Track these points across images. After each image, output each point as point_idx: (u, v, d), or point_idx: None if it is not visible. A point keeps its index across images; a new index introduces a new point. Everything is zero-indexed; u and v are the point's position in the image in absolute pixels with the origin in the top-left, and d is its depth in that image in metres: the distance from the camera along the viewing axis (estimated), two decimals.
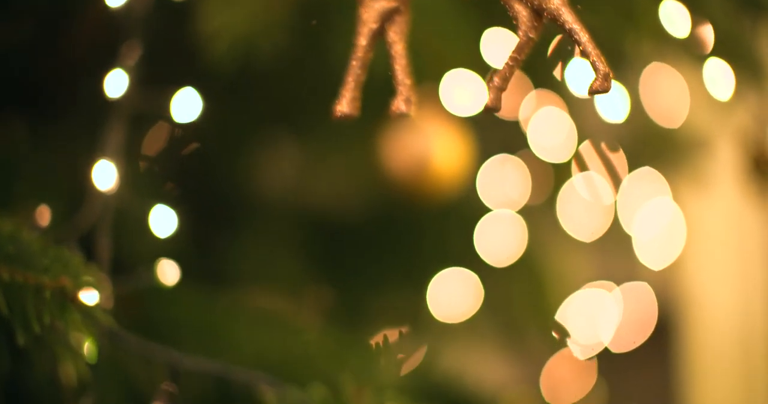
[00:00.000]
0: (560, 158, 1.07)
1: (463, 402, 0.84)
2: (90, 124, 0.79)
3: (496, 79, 0.66)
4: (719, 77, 1.06)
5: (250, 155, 1.02)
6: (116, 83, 0.81)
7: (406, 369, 0.88)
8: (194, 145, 0.93)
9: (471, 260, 1.04)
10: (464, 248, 1.03)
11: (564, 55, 0.94)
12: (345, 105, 0.67)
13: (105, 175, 0.79)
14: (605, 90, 0.66)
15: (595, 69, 0.65)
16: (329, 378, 0.77)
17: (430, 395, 0.77)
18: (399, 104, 0.67)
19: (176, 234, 0.83)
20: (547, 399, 1.17)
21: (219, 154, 0.98)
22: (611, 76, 0.65)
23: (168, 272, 0.79)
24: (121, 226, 0.79)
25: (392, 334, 0.90)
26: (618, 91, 0.94)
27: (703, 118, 1.34)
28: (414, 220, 1.04)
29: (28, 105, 0.94)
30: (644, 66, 1.28)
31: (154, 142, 0.89)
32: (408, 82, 0.67)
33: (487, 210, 1.04)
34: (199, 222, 0.96)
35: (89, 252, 0.77)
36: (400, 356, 0.84)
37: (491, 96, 0.65)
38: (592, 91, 0.65)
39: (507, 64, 0.66)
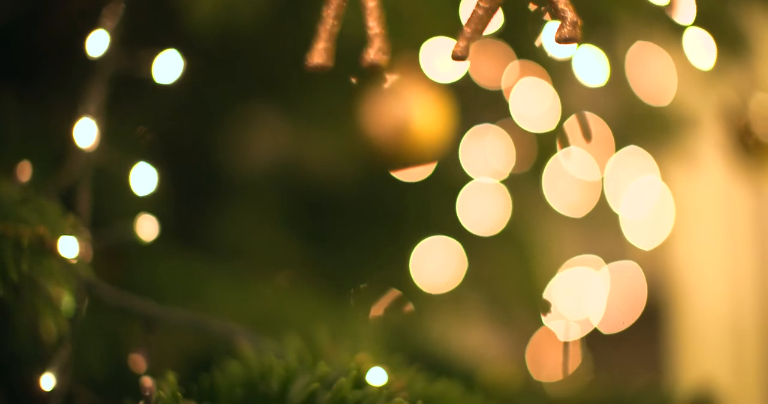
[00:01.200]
0: (543, 128, 1.08)
1: (443, 366, 0.84)
2: (73, 84, 0.81)
3: (465, 28, 0.67)
4: (701, 47, 1.07)
5: (232, 122, 1.03)
6: (98, 43, 0.83)
7: (386, 328, 0.88)
8: (176, 110, 0.94)
9: (454, 229, 1.04)
10: (447, 217, 1.04)
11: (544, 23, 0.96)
12: (318, 55, 0.68)
13: (86, 134, 0.81)
14: (574, 38, 0.66)
15: (563, 17, 0.65)
16: (305, 333, 0.79)
17: (408, 356, 0.77)
18: (371, 54, 0.68)
19: (158, 199, 0.84)
20: (532, 373, 1.17)
21: (201, 121, 0.99)
22: (579, 24, 0.66)
23: (147, 227, 0.81)
24: (102, 184, 0.80)
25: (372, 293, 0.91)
26: (596, 56, 0.94)
27: (690, 96, 1.35)
28: (397, 190, 1.04)
29: (12, 66, 0.95)
30: (630, 44, 1.30)
31: (136, 104, 0.90)
32: (380, 31, 0.67)
33: (470, 179, 1.05)
34: (179, 189, 0.97)
35: (70, 208, 0.78)
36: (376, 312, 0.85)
37: (460, 44, 0.66)
38: (561, 39, 0.66)
39: (476, 12, 0.67)
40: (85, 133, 0.81)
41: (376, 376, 0.70)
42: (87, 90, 0.81)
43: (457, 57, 0.64)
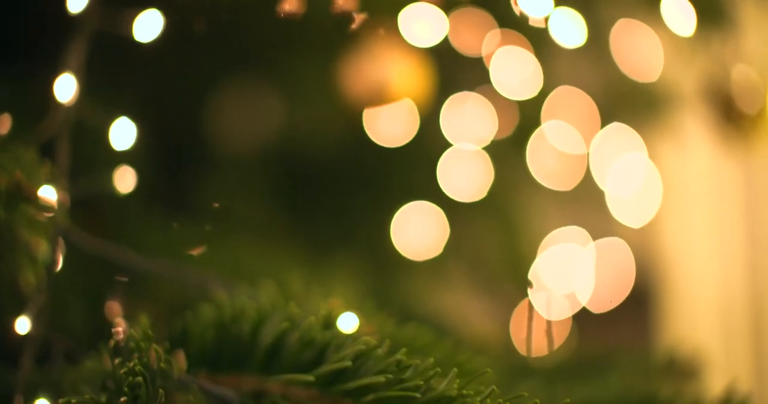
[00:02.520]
0: (524, 95, 1.09)
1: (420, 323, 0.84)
2: (55, 40, 0.82)
3: None
4: (680, 15, 1.08)
5: (217, 89, 1.04)
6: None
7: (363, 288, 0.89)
8: (161, 75, 0.96)
9: (436, 196, 1.05)
10: (428, 184, 1.05)
11: None
12: (289, 1, 0.69)
13: (66, 89, 0.82)
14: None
15: None
16: (280, 283, 0.79)
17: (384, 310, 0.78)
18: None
19: (141, 158, 0.85)
20: (516, 344, 1.18)
21: (186, 88, 1.01)
22: None
23: (126, 180, 0.82)
24: (85, 140, 0.82)
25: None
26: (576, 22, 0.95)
27: (675, 71, 1.36)
28: (378, 156, 1.05)
29: None
30: (615, 20, 1.31)
31: (122, 65, 0.91)
32: None
33: (450, 145, 1.06)
34: (163, 153, 0.98)
35: (49, 161, 0.79)
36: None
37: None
38: None
39: None
40: (65, 88, 0.83)
41: (347, 320, 0.71)
42: (68, 46, 0.83)
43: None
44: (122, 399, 0.62)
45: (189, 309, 0.72)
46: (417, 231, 1.08)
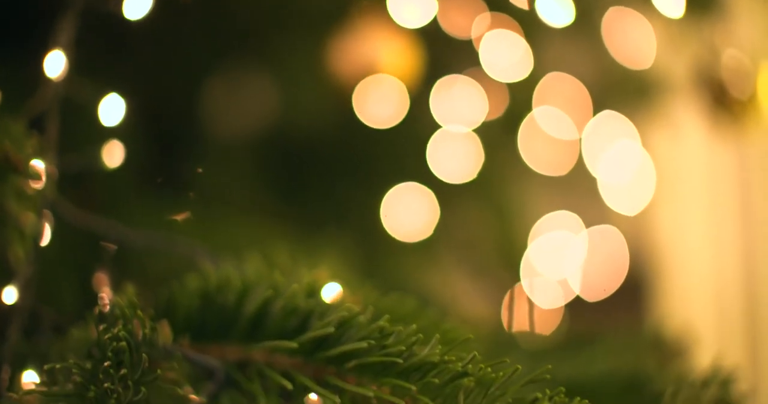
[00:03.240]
0: (514, 78, 1.09)
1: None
2: (45, 17, 0.82)
3: None
4: (671, 1, 1.08)
5: (210, 72, 1.04)
6: None
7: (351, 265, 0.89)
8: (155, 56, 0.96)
9: (425, 177, 1.06)
10: (418, 165, 1.05)
11: None
12: None
13: (56, 65, 0.83)
14: None
15: None
16: (267, 256, 0.80)
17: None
18: None
19: (132, 136, 0.86)
20: (505, 326, 1.17)
21: (180, 70, 1.01)
22: None
23: (114, 154, 0.82)
24: (74, 116, 0.82)
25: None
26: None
27: (667, 59, 1.36)
28: (368, 137, 1.06)
29: None
30: (607, 8, 1.31)
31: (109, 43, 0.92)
32: None
33: (439, 126, 1.06)
34: (155, 133, 0.99)
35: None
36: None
37: None
38: None
39: None
40: (55, 64, 0.83)
41: (331, 290, 0.72)
42: (58, 23, 0.84)
43: None
44: (106, 364, 0.63)
45: (175, 279, 0.73)
46: (407, 212, 1.09)
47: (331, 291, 0.71)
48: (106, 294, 0.70)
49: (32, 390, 0.66)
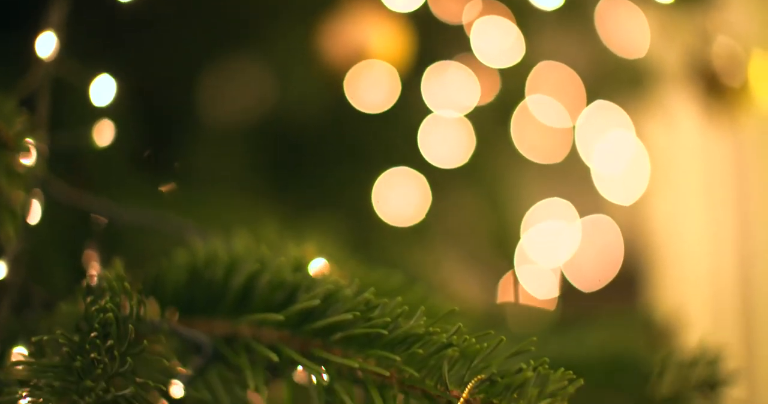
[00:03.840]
0: (505, 64, 1.10)
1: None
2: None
3: None
4: None
5: (204, 58, 1.05)
6: None
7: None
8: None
9: (417, 162, 1.06)
10: (409, 150, 1.05)
11: None
12: None
13: (47, 45, 0.83)
14: None
15: None
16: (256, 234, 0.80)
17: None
18: None
19: (124, 117, 0.86)
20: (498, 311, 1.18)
21: (175, 58, 1.02)
22: None
23: (105, 133, 0.83)
24: (67, 97, 0.83)
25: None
26: None
27: (660, 48, 1.37)
28: (360, 122, 1.06)
29: None
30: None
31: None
32: None
33: (430, 112, 1.07)
34: (148, 117, 0.99)
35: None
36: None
37: None
38: None
39: None
40: (46, 44, 0.84)
41: (318, 265, 0.72)
42: (50, 3, 0.84)
43: None
44: (92, 335, 0.63)
45: (164, 255, 0.74)
46: (399, 198, 1.09)
47: (317, 266, 0.72)
48: (94, 269, 0.70)
49: (19, 361, 0.66)
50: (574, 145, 1.34)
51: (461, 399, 0.62)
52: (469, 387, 0.63)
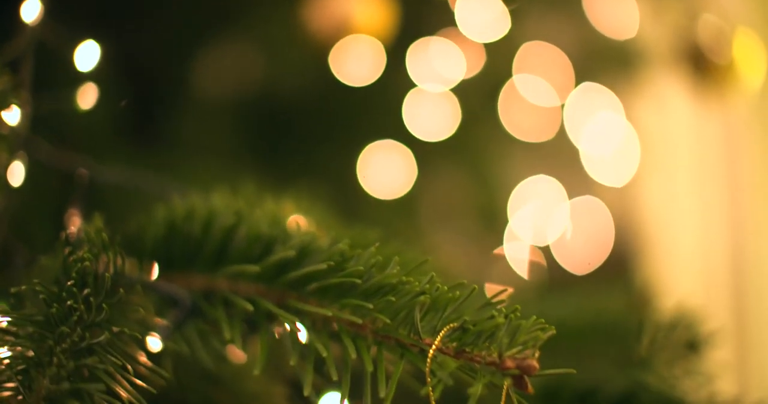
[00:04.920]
0: (490, 38, 1.10)
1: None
2: None
3: None
4: None
5: (194, 33, 1.05)
6: None
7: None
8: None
9: (402, 136, 1.06)
10: (395, 123, 1.06)
11: None
12: None
13: (31, 10, 0.84)
14: None
15: None
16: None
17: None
18: None
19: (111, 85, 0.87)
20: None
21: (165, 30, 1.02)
22: None
23: (88, 96, 0.83)
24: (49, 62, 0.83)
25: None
26: None
27: (651, 29, 1.37)
28: (345, 96, 1.07)
29: None
30: None
31: None
32: None
33: (415, 85, 1.07)
34: (138, 89, 1.00)
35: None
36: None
37: None
38: None
39: None
40: (31, 8, 0.85)
41: (296, 220, 0.73)
42: None
43: None
44: (69, 283, 0.64)
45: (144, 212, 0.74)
46: (385, 170, 1.10)
47: (295, 222, 0.72)
48: (75, 222, 0.71)
49: None
50: (562, 126, 1.35)
51: (433, 347, 0.63)
52: (440, 335, 0.63)
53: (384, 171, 1.10)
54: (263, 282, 0.69)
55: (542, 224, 1.32)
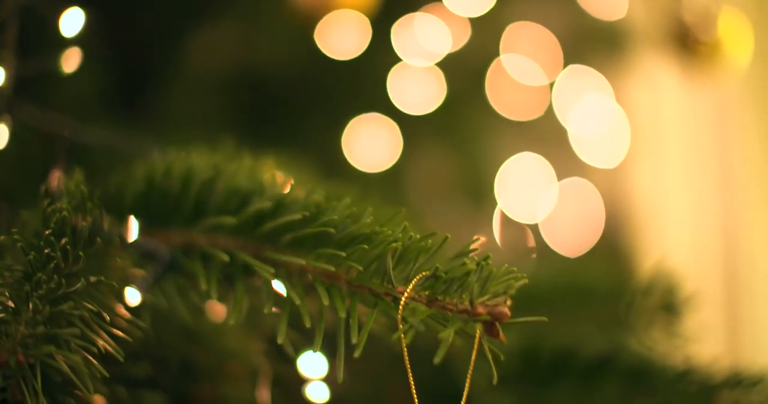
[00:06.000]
0: (475, 13, 1.11)
1: None
2: None
3: None
4: None
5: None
6: None
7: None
8: None
9: (387, 109, 1.07)
10: (380, 97, 1.07)
11: None
12: None
13: None
14: None
15: None
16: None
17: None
18: None
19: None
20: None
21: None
22: None
23: (72, 58, 0.84)
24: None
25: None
26: None
27: (640, 9, 1.37)
28: (331, 69, 1.07)
29: None
30: None
31: None
32: None
33: (399, 60, 1.08)
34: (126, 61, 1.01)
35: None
36: None
37: None
38: None
39: None
40: None
41: (275, 175, 0.73)
42: None
43: None
44: (46, 232, 0.65)
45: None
46: (370, 143, 1.10)
47: (272, 176, 0.73)
48: (56, 176, 0.72)
49: None
50: (551, 108, 1.35)
51: (405, 294, 0.64)
52: (413, 283, 0.64)
53: (370, 145, 1.11)
54: (240, 235, 0.69)
55: (531, 202, 1.33)
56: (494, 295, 0.63)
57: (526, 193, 1.31)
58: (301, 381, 0.79)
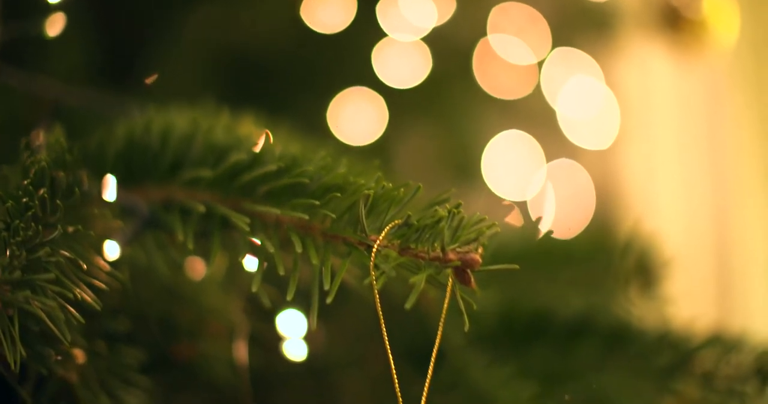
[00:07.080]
0: None
1: None
2: None
3: None
4: None
5: None
6: None
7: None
8: None
9: (374, 84, 1.08)
10: (366, 71, 1.07)
11: None
12: None
13: None
14: None
15: None
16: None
17: None
18: None
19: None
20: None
21: None
22: None
23: (56, 24, 0.85)
24: None
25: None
26: None
27: None
28: (316, 43, 1.08)
29: None
30: None
31: None
32: None
33: (385, 34, 1.09)
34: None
35: None
36: None
37: None
38: None
39: None
40: None
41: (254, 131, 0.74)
42: None
43: None
44: (24, 182, 0.65)
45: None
46: (356, 117, 1.11)
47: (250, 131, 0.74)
48: (37, 133, 0.73)
49: None
50: (540, 88, 1.35)
51: (377, 242, 0.64)
52: (385, 231, 0.65)
53: (355, 118, 1.11)
54: (218, 189, 0.70)
55: (519, 181, 1.33)
56: (466, 243, 0.64)
57: (514, 172, 1.31)
58: (280, 339, 0.80)
